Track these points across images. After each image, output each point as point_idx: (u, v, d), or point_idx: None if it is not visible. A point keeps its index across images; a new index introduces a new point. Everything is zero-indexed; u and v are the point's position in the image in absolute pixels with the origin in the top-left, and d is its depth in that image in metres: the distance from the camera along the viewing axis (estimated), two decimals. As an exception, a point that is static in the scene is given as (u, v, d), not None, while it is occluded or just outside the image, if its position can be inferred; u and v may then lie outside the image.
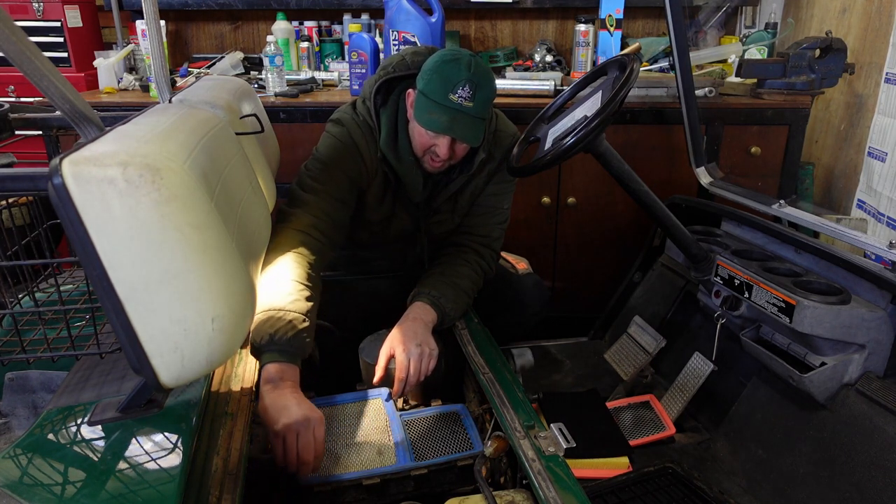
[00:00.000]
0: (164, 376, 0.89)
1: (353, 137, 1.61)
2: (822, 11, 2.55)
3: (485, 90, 1.45)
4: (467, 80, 1.41)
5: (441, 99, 1.43)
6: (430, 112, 1.45)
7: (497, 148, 1.70)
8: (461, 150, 1.55)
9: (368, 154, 1.61)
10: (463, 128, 1.46)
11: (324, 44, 2.89)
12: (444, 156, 1.51)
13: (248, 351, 1.39)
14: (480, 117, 1.47)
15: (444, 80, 1.43)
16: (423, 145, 1.54)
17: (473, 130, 1.48)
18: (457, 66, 1.42)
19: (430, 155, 1.55)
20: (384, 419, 1.45)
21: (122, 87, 2.66)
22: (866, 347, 1.51)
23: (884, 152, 2.16)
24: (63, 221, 0.81)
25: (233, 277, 0.92)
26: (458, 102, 1.42)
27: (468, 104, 1.43)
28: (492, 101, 1.50)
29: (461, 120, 1.45)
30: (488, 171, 1.71)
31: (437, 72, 1.44)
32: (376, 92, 1.60)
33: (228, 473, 1.03)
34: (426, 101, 1.45)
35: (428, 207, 1.72)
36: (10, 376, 1.28)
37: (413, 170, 1.61)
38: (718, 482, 1.67)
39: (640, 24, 2.94)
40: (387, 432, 1.41)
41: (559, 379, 2.20)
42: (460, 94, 1.42)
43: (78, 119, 0.90)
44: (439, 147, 1.50)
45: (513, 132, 1.74)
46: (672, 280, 2.22)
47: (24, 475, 0.93)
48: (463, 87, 1.42)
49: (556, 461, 1.11)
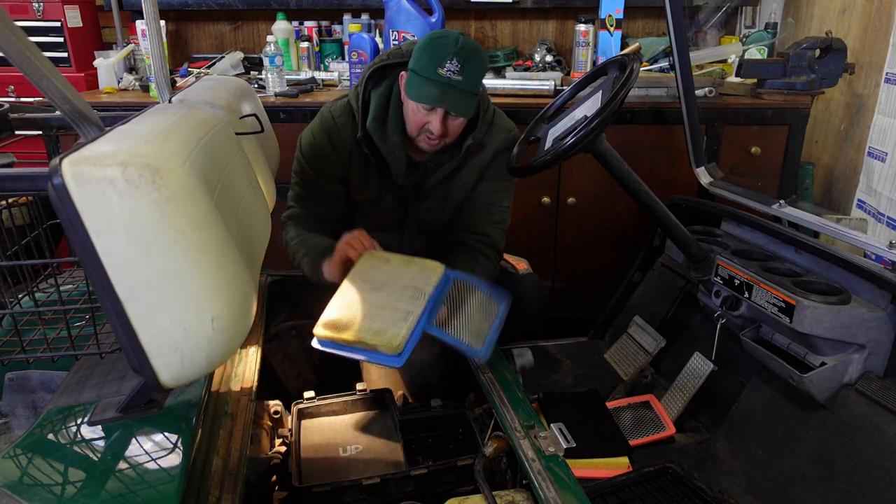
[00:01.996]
0: (163, 376, 0.89)
1: (324, 130, 1.67)
2: (822, 11, 2.55)
3: (474, 64, 1.47)
4: (455, 54, 1.45)
5: (430, 73, 1.46)
6: (420, 87, 1.48)
7: (491, 139, 1.70)
8: (454, 126, 1.56)
9: (340, 140, 1.66)
10: (453, 100, 1.48)
11: (324, 44, 2.89)
12: (438, 131, 1.53)
13: (249, 350, 1.39)
14: (471, 91, 1.50)
15: (432, 55, 1.46)
16: (418, 123, 1.55)
17: (464, 103, 1.50)
18: (444, 42, 1.46)
19: (425, 134, 1.56)
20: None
21: (122, 87, 2.66)
22: (866, 347, 1.51)
23: (884, 152, 2.16)
24: (63, 221, 0.81)
25: (233, 277, 0.92)
26: (447, 76, 1.45)
27: (457, 77, 1.46)
28: (481, 77, 1.52)
29: (451, 93, 1.47)
30: (481, 162, 1.71)
31: (425, 49, 1.48)
32: (369, 77, 1.64)
33: (228, 473, 1.03)
34: (416, 77, 1.49)
35: (417, 193, 1.72)
36: (10, 376, 1.28)
37: (397, 150, 1.63)
38: (718, 482, 1.67)
39: (640, 24, 2.94)
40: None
41: (559, 379, 2.20)
42: (449, 68, 1.45)
43: (78, 119, 0.90)
44: (432, 123, 1.52)
45: (509, 129, 1.74)
46: (672, 280, 2.22)
47: (24, 475, 0.93)
48: (451, 60, 1.45)
49: (555, 461, 1.11)
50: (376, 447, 1.48)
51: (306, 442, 1.49)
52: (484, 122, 1.66)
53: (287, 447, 1.46)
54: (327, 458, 1.45)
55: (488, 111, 1.68)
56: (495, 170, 1.73)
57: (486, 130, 1.68)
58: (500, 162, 1.72)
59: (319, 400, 1.58)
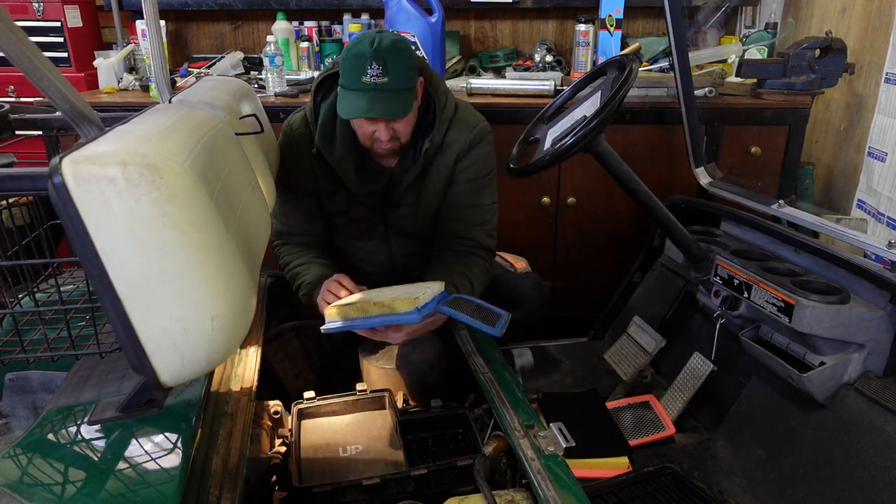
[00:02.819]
0: (163, 375, 0.89)
1: (287, 143, 1.69)
2: (822, 11, 2.55)
3: (396, 61, 1.44)
4: (372, 58, 1.42)
5: (355, 84, 1.45)
6: (348, 102, 1.47)
7: (452, 139, 1.64)
8: (401, 127, 1.54)
9: (301, 153, 1.67)
10: (383, 104, 1.46)
11: (324, 44, 2.89)
12: (385, 138, 1.52)
13: (249, 350, 1.39)
14: (400, 88, 1.47)
15: (352, 66, 1.45)
16: (365, 135, 1.55)
17: (396, 103, 1.47)
18: (360, 49, 1.44)
19: (377, 142, 1.55)
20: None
21: (122, 87, 2.66)
22: (866, 347, 1.51)
23: (884, 152, 2.16)
24: (63, 221, 0.81)
25: (233, 277, 0.92)
26: (372, 82, 1.43)
27: (382, 79, 1.43)
28: (409, 68, 1.48)
29: (379, 98, 1.45)
30: (445, 164, 1.66)
31: (345, 61, 1.47)
32: (317, 88, 1.64)
33: (228, 473, 1.03)
34: (344, 92, 1.48)
35: (389, 200, 1.70)
36: (10, 376, 1.28)
37: (345, 161, 1.62)
38: (718, 482, 1.67)
39: (640, 24, 2.94)
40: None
41: (559, 379, 2.20)
42: (371, 73, 1.43)
43: (78, 119, 0.90)
44: (378, 131, 1.52)
45: (473, 124, 1.66)
46: (672, 280, 2.22)
47: (24, 475, 0.93)
48: (370, 65, 1.43)
49: (555, 461, 1.11)
50: (376, 447, 1.48)
51: (306, 442, 1.49)
52: (442, 121, 1.61)
53: (287, 447, 1.46)
54: (327, 458, 1.45)
55: (446, 109, 1.63)
56: (466, 171, 1.67)
57: (445, 130, 1.63)
58: (468, 163, 1.66)
59: (319, 400, 1.58)
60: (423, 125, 1.64)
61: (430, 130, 1.61)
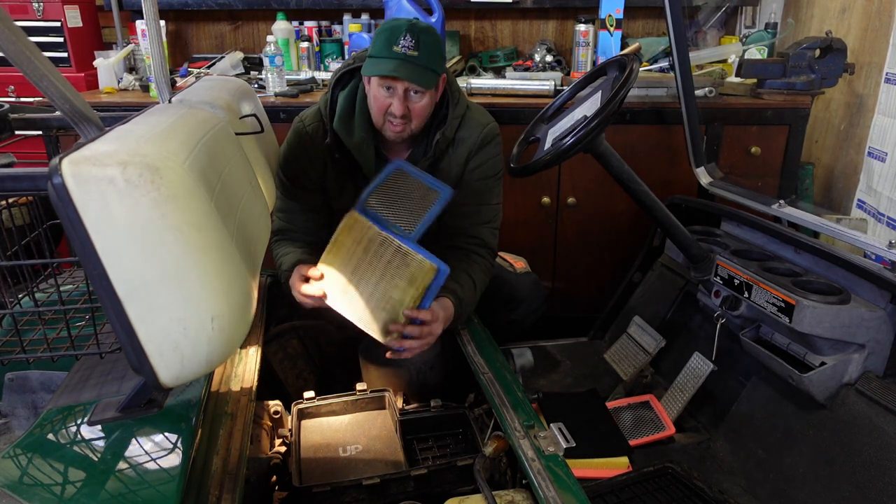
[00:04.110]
0: (163, 376, 0.89)
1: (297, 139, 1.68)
2: (822, 11, 2.55)
3: (428, 42, 1.47)
4: (408, 30, 1.45)
5: (385, 52, 1.47)
6: (376, 64, 1.49)
7: (464, 135, 1.66)
8: (417, 108, 1.54)
9: (313, 148, 1.66)
10: (409, 71, 1.47)
11: (324, 44, 2.89)
12: (400, 111, 1.52)
13: (249, 350, 1.39)
14: (428, 66, 1.49)
15: (386, 36, 1.47)
16: (380, 109, 1.55)
17: (421, 74, 1.49)
18: (397, 23, 1.48)
19: (389, 118, 1.55)
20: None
21: (122, 87, 2.66)
22: (866, 347, 1.51)
23: (884, 152, 2.16)
24: (63, 221, 0.81)
25: (233, 277, 0.92)
26: (403, 52, 1.46)
27: (413, 52, 1.46)
28: (438, 54, 1.51)
29: (406, 66, 1.46)
30: (457, 160, 1.67)
31: (380, 33, 1.50)
32: (337, 81, 1.65)
33: (228, 473, 1.03)
34: (372, 59, 1.50)
35: None
36: (10, 376, 1.29)
37: (364, 145, 1.63)
38: (718, 482, 1.67)
39: (640, 24, 2.94)
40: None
41: (559, 379, 2.20)
42: (403, 45, 1.45)
43: (78, 119, 0.90)
44: (394, 105, 1.52)
45: (484, 123, 1.69)
46: (672, 280, 2.22)
47: (24, 475, 0.93)
48: (404, 36, 1.45)
49: (555, 461, 1.11)
50: (376, 447, 1.48)
51: (306, 442, 1.49)
52: (454, 115, 1.63)
53: (287, 447, 1.46)
54: (327, 458, 1.45)
55: (459, 105, 1.65)
56: (477, 169, 1.69)
57: (457, 125, 1.65)
58: (480, 161, 1.68)
59: (319, 400, 1.58)
60: (437, 119, 1.65)
61: (442, 124, 1.63)
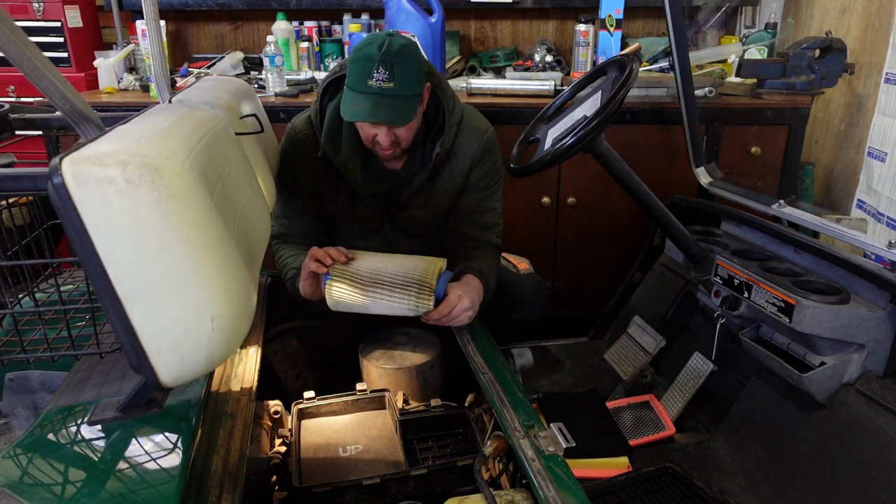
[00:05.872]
0: (163, 376, 0.89)
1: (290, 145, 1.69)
2: (822, 11, 2.55)
3: (403, 66, 1.43)
4: (380, 62, 1.41)
5: (361, 87, 1.43)
6: (353, 104, 1.46)
7: (463, 143, 1.65)
8: (403, 134, 1.53)
9: (305, 154, 1.66)
10: (386, 111, 1.44)
11: (324, 44, 2.89)
12: (386, 143, 1.51)
13: (249, 350, 1.39)
14: (405, 95, 1.45)
15: (359, 68, 1.43)
16: (367, 137, 1.55)
17: (399, 110, 1.46)
18: (368, 51, 1.42)
19: (378, 146, 1.55)
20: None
21: (122, 87, 2.66)
22: (866, 347, 1.51)
23: (884, 152, 2.16)
24: (63, 221, 0.81)
25: (233, 277, 0.92)
26: (378, 86, 1.42)
27: (388, 85, 1.42)
28: (416, 75, 1.46)
29: (383, 103, 1.43)
30: (459, 170, 1.67)
31: (353, 62, 1.45)
32: (324, 91, 1.63)
33: (228, 473, 1.03)
34: (349, 93, 1.47)
35: (394, 202, 1.70)
36: (10, 376, 1.29)
37: (351, 162, 1.62)
38: (718, 482, 1.67)
39: (640, 24, 2.94)
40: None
41: (559, 379, 2.20)
42: (377, 78, 1.41)
43: (78, 119, 0.90)
44: (379, 136, 1.51)
45: (486, 129, 1.68)
46: (672, 280, 2.22)
47: (24, 475, 0.93)
48: (377, 69, 1.41)
49: (555, 461, 1.11)
50: (376, 447, 1.48)
51: (306, 442, 1.49)
52: (451, 124, 1.62)
53: (287, 447, 1.46)
54: (327, 458, 1.45)
55: (454, 112, 1.63)
56: (481, 180, 1.70)
57: (454, 134, 1.64)
58: (482, 171, 1.69)
59: (319, 400, 1.58)
60: (433, 129, 1.64)
61: (439, 135, 1.61)
